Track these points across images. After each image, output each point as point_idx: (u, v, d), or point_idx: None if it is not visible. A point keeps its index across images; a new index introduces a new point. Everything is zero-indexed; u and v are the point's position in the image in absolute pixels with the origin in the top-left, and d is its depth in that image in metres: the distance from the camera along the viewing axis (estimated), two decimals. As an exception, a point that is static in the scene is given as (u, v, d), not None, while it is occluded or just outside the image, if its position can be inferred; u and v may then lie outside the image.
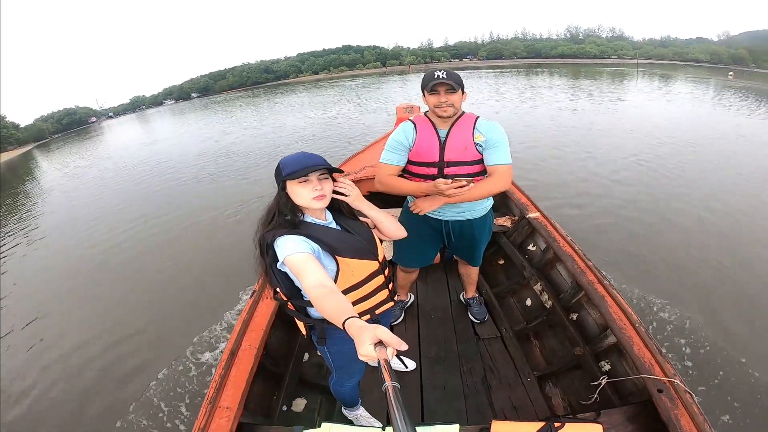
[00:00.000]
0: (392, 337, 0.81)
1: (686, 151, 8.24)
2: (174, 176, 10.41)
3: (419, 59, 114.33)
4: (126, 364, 3.41)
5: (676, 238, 4.67)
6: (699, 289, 3.69)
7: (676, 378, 1.54)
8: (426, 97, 1.90)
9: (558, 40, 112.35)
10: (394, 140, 1.99)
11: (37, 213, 9.72)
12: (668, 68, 45.82)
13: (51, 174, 17.58)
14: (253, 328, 2.01)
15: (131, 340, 3.75)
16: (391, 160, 2.00)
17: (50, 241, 7.18)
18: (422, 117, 2.01)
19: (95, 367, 3.45)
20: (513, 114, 14.31)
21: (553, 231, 2.70)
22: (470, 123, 1.94)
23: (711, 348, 2.93)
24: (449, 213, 2.12)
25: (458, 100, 1.86)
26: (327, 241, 1.30)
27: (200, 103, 65.92)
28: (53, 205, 10.29)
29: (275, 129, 16.71)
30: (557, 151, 8.62)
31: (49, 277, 5.58)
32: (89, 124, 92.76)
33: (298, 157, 1.30)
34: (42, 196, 11.97)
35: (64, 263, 5.99)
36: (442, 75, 1.80)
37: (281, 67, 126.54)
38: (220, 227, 6.33)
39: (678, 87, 24.09)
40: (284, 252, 1.21)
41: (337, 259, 1.32)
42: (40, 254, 6.62)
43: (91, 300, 4.68)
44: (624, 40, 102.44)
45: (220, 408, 1.59)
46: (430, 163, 1.95)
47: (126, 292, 4.73)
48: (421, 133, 1.96)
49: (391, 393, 0.70)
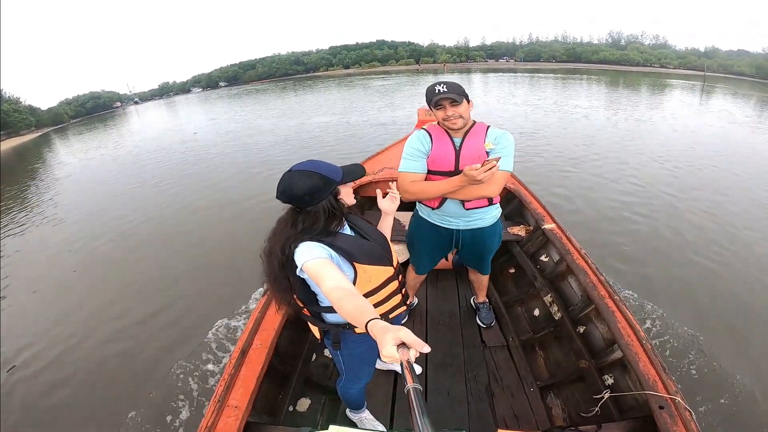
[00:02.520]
0: (415, 339, 0.81)
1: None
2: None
3: (454, 58, 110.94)
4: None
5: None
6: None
7: (678, 395, 1.55)
8: (433, 112, 1.91)
9: (599, 44, 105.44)
10: (411, 148, 1.99)
11: (32, 202, 9.92)
12: (712, 80, 42.03)
13: (48, 169, 16.46)
14: (265, 327, 2.02)
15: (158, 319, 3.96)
16: (413, 168, 1.99)
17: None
18: (435, 126, 2.03)
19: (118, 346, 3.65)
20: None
21: (568, 243, 2.70)
22: (482, 132, 1.96)
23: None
24: (460, 222, 2.12)
25: (465, 110, 1.87)
26: (345, 247, 1.31)
27: (225, 92, 66.29)
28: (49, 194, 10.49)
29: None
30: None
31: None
32: (113, 109, 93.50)
33: (329, 165, 1.35)
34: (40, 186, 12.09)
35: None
36: (442, 89, 1.81)
37: (312, 59, 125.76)
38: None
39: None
40: (303, 258, 1.22)
41: (355, 265, 1.33)
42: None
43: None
44: (667, 49, 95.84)
45: (229, 407, 1.59)
46: (447, 172, 1.95)
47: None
48: (437, 141, 1.98)
49: (413, 395, 0.70)
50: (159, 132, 21.03)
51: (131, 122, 35.58)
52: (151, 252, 5.70)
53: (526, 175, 5.35)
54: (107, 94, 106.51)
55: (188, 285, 4.56)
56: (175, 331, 3.73)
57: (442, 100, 1.83)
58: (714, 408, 2.57)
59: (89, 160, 15.44)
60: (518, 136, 8.51)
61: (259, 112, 23.84)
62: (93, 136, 26.45)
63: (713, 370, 2.88)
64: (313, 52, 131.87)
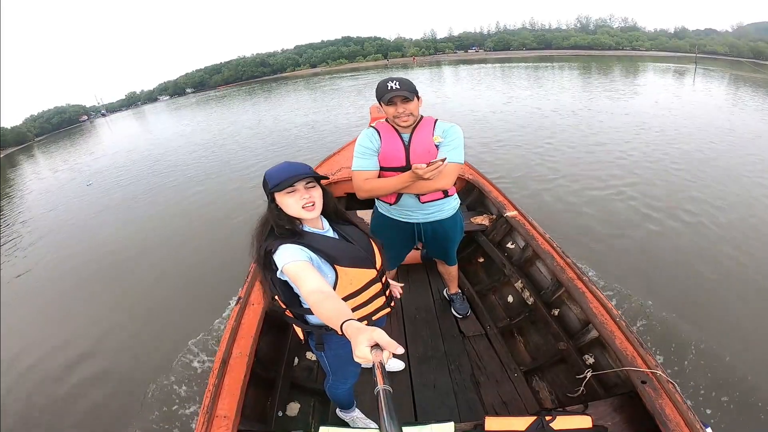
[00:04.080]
0: (389, 341, 0.81)
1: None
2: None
3: (423, 51, 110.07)
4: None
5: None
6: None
7: (658, 369, 1.62)
8: (384, 108, 1.91)
9: (569, 30, 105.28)
10: (361, 146, 2.00)
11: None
12: (685, 62, 39.66)
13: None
14: (242, 335, 2.00)
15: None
16: (365, 166, 1.99)
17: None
18: (384, 123, 2.05)
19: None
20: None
21: (531, 229, 2.76)
22: (430, 126, 1.99)
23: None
24: (419, 215, 2.15)
25: (415, 107, 1.90)
26: (325, 250, 1.31)
27: (194, 99, 62.41)
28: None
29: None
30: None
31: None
32: (80, 123, 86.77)
33: (283, 168, 1.31)
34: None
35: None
36: (395, 86, 1.81)
37: (278, 60, 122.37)
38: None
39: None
40: (282, 260, 1.22)
41: (336, 268, 1.32)
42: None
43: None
44: (637, 31, 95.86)
45: (218, 417, 1.58)
46: (398, 167, 1.97)
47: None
48: (386, 138, 1.99)
49: (383, 396, 0.70)
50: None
51: (100, 138, 31.84)
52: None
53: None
54: (72, 107, 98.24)
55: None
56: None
57: (395, 97, 1.83)
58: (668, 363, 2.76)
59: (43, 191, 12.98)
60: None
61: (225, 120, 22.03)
62: (55, 158, 23.54)
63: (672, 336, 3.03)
64: (278, 52, 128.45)
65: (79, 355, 3.63)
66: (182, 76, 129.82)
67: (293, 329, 1.94)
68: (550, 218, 5.07)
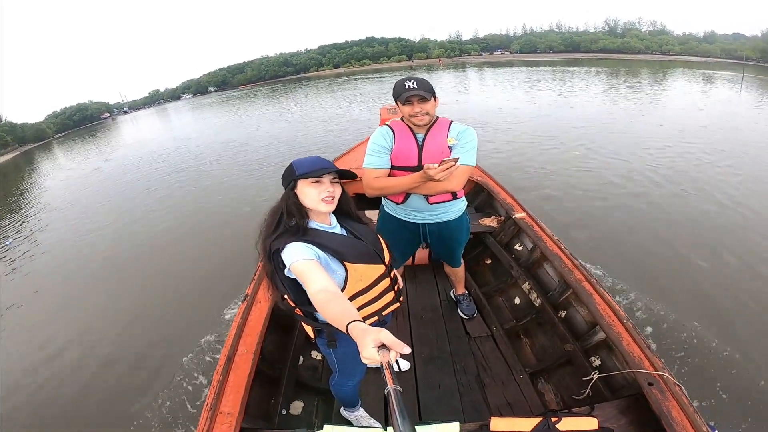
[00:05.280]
0: (395, 341, 0.80)
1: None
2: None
3: (448, 52, 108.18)
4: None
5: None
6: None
7: (665, 371, 1.58)
8: (400, 108, 1.91)
9: (596, 33, 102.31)
10: (374, 144, 1.98)
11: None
12: (715, 67, 37.47)
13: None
14: (248, 332, 1.98)
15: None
16: (376, 164, 1.98)
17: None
18: (399, 122, 2.02)
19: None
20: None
21: (540, 231, 2.73)
22: (445, 127, 1.96)
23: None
24: (425, 216, 2.13)
25: (432, 108, 1.88)
26: (334, 247, 1.30)
27: (216, 98, 62.98)
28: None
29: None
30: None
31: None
32: (101, 120, 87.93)
33: (314, 160, 1.32)
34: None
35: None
36: (413, 85, 1.79)
37: (301, 60, 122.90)
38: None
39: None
40: (290, 259, 1.21)
41: (345, 264, 1.31)
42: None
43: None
44: (666, 35, 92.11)
45: (222, 414, 1.56)
46: (410, 167, 1.95)
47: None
48: (400, 137, 1.97)
49: (393, 396, 0.69)
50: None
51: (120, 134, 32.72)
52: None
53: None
54: (95, 105, 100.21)
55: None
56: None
57: (412, 96, 1.82)
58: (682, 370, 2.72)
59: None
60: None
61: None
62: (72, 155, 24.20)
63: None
64: (302, 52, 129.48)
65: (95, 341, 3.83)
66: (205, 75, 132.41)
67: (299, 327, 1.92)
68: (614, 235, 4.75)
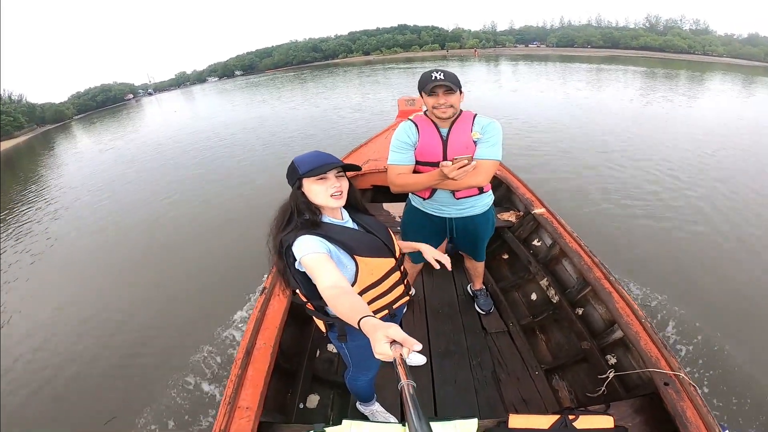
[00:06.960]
0: (406, 337, 0.79)
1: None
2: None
3: (483, 43, 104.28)
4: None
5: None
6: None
7: (681, 372, 1.57)
8: (424, 99, 1.88)
9: (637, 29, 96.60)
10: (398, 140, 1.96)
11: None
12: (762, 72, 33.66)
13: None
14: (266, 326, 1.98)
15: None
16: (400, 161, 1.96)
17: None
18: (423, 116, 2.00)
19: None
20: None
21: (559, 227, 2.70)
22: (469, 121, 1.93)
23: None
24: (452, 210, 2.11)
25: (457, 100, 1.85)
26: (345, 241, 1.29)
27: (242, 82, 62.47)
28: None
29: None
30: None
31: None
32: (124, 101, 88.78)
33: (315, 155, 1.29)
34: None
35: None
36: (439, 76, 1.76)
37: (330, 45, 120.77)
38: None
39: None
40: (301, 252, 1.19)
41: (356, 258, 1.30)
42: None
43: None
44: (709, 34, 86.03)
45: (240, 408, 1.56)
46: (435, 162, 1.90)
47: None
48: (424, 132, 1.94)
49: (407, 391, 0.69)
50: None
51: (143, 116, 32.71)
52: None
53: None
54: (119, 86, 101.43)
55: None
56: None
57: (438, 87, 1.79)
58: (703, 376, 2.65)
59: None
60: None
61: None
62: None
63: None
64: (331, 38, 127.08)
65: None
66: (233, 58, 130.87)
67: (315, 321, 2.11)
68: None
